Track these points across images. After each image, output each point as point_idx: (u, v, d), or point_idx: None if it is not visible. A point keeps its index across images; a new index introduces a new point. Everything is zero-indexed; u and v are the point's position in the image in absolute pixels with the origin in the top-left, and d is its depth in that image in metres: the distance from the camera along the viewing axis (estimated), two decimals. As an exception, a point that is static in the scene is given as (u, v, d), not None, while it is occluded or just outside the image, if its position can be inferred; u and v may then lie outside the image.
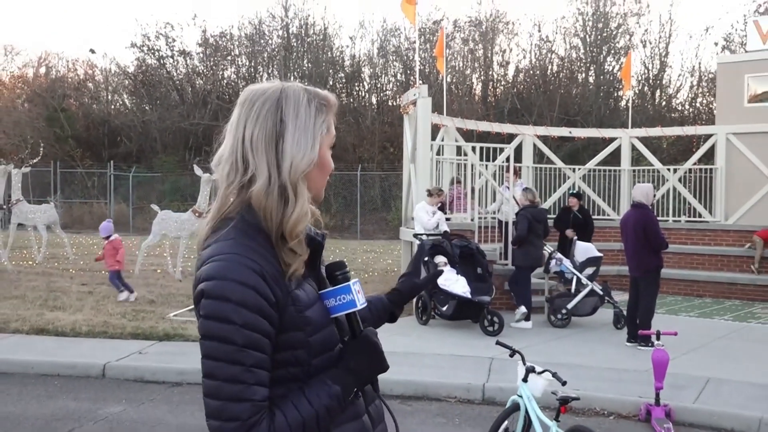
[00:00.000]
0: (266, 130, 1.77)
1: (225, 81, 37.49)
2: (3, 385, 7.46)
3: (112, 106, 38.44)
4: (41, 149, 21.10)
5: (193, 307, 1.79)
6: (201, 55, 37.20)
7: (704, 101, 31.57)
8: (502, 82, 35.42)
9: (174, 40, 36.77)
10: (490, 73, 35.22)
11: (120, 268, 11.86)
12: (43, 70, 41.26)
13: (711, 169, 16.58)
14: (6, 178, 16.15)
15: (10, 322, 9.76)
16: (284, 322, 1.72)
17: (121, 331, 9.52)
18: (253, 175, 1.75)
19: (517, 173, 13.83)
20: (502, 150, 14.78)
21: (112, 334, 9.40)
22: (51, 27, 59.17)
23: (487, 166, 13.88)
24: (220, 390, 1.65)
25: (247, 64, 37.33)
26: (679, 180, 16.88)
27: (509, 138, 16.51)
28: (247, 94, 1.88)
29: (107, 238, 11.97)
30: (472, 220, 13.00)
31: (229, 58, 37.33)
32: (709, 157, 17.01)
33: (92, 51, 45.59)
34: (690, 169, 17.05)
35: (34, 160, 18.83)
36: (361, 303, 1.83)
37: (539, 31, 35.76)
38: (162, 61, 37.23)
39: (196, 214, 14.56)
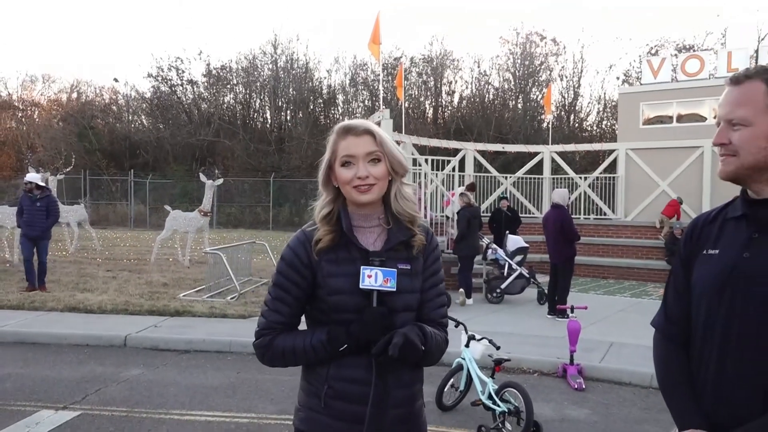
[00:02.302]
0: None
1: (225, 105, 37.09)
2: (41, 354, 7.30)
3: (132, 125, 37.76)
4: (73, 160, 20.74)
5: (199, 288, 1.90)
6: (205, 83, 36.79)
7: (608, 123, 31.91)
8: (449, 108, 35.49)
9: (183, 72, 36.37)
10: (440, 100, 35.28)
11: None
12: (75, 95, 40.53)
13: (614, 177, 16.80)
14: (45, 183, 15.80)
15: (47, 302, 9.55)
16: (316, 279, 1.93)
17: (139, 308, 9.36)
18: None
19: (472, 189, 13.74)
20: (448, 162, 14.86)
21: (132, 311, 9.25)
22: (82, 59, 58.07)
23: (437, 174, 13.93)
24: (262, 305, 2.04)
25: (243, 91, 36.99)
26: (589, 186, 17.08)
27: (455, 152, 16.57)
28: None
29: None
30: (425, 217, 13.03)
31: (228, 86, 36.95)
32: (612, 167, 17.22)
33: (116, 80, 44.70)
34: (597, 177, 17.27)
35: (68, 169, 18.50)
36: (365, 284, 1.87)
37: (479, 66, 36.03)
38: (173, 89, 36.72)
39: (202, 213, 14.47)
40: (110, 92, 39.36)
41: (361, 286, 1.87)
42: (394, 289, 1.89)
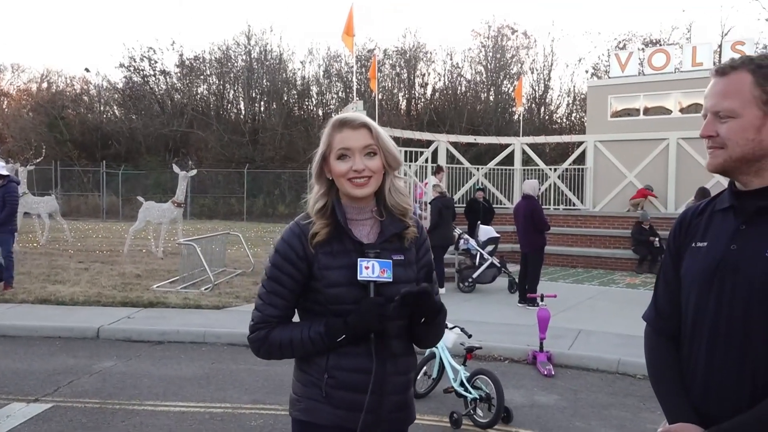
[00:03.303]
0: None
1: (198, 96, 36.63)
2: (12, 346, 7.16)
3: (104, 116, 37.05)
4: (43, 151, 20.30)
5: (173, 279, 1.89)
6: (178, 74, 36.29)
7: (577, 116, 32.21)
8: (422, 100, 35.50)
9: (156, 62, 35.79)
10: (413, 92, 35.25)
11: None
12: (45, 85, 39.66)
13: (582, 169, 16.99)
14: (14, 174, 15.48)
15: (18, 294, 9.35)
16: (312, 272, 1.93)
17: (112, 300, 9.23)
18: None
19: (440, 171, 13.81)
20: (421, 153, 14.86)
21: (104, 302, 9.10)
22: (52, 48, 56.83)
23: (410, 165, 13.93)
24: (255, 299, 2.02)
25: (217, 82, 36.56)
26: (559, 177, 17.24)
27: (428, 143, 16.58)
28: None
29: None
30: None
31: (201, 77, 36.49)
32: (581, 159, 17.40)
33: (87, 70, 43.58)
34: (567, 169, 17.43)
35: (38, 160, 18.09)
36: (362, 275, 1.88)
37: (451, 59, 36.07)
38: (146, 79, 36.13)
39: (175, 204, 14.30)
40: (81, 82, 38.57)
41: (359, 278, 1.89)
42: (391, 280, 1.91)
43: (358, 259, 1.90)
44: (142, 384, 5.93)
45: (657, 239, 13.81)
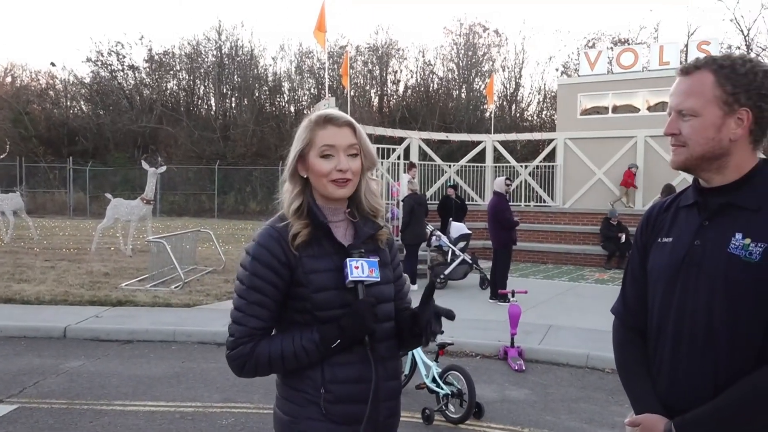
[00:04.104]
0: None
1: (168, 91, 36.17)
2: (-25, 347, 7.00)
3: (71, 111, 36.34)
4: (8, 147, 19.86)
5: (142, 277, 1.84)
6: (147, 69, 35.76)
7: (548, 113, 32.56)
8: (394, 97, 35.56)
9: (124, 57, 35.27)
10: (385, 89, 35.30)
11: None
12: (9, 79, 38.64)
13: (553, 166, 17.15)
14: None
15: (-19, 293, 9.14)
16: (295, 277, 1.82)
17: (80, 299, 9.06)
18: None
19: (412, 168, 13.81)
20: (394, 150, 14.88)
21: (72, 301, 8.93)
22: (16, 42, 55.45)
23: (382, 162, 13.93)
24: (232, 313, 1.85)
25: (187, 77, 36.16)
26: (530, 174, 17.39)
27: (400, 140, 16.61)
28: None
29: None
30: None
31: (171, 72, 36.04)
32: (551, 156, 17.55)
33: (53, 64, 43.14)
34: (537, 166, 17.58)
35: (2, 156, 17.69)
36: (352, 276, 1.80)
37: (423, 56, 36.13)
38: (114, 74, 35.53)
39: (144, 201, 14.10)
40: (47, 77, 37.75)
41: (350, 278, 1.80)
42: (379, 279, 1.86)
43: (347, 260, 1.82)
44: (111, 384, 5.84)
45: (624, 235, 14.03)
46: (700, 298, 1.65)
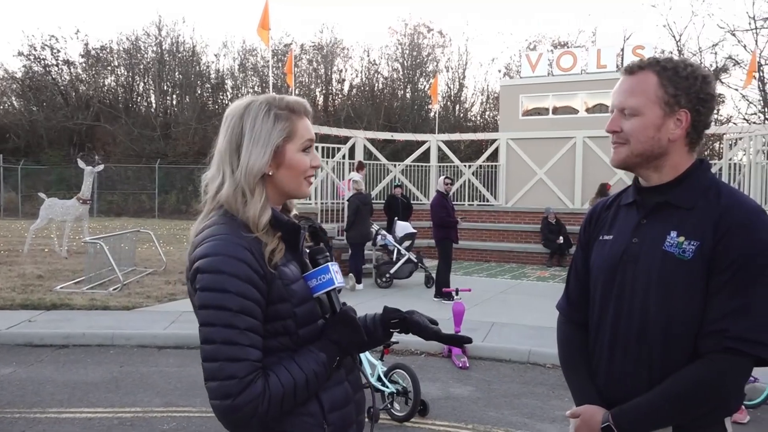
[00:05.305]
0: (230, 141, 1.63)
1: (105, 88, 35.12)
2: None
3: (1, 107, 34.87)
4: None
5: (79, 280, 1.66)
6: (83, 64, 34.66)
7: (491, 114, 33.00)
8: (339, 96, 35.45)
9: (59, 51, 34.08)
10: (330, 88, 35.17)
11: None
12: (-68, 72, 36.76)
13: (495, 165, 17.38)
14: None
15: None
16: (272, 294, 1.54)
17: (11, 302, 8.68)
18: (222, 180, 1.62)
19: (361, 167, 13.74)
20: (339, 149, 14.83)
21: (2, 305, 8.54)
22: (-60, 34, 52.66)
23: (327, 161, 13.87)
24: (218, 352, 1.46)
25: (126, 74, 35.18)
26: (473, 173, 17.58)
27: (345, 140, 16.56)
28: (226, 111, 1.71)
29: None
30: (315, 204, 13.00)
31: (109, 68, 34.98)
32: (494, 156, 17.79)
33: (-19, 57, 41.00)
34: (480, 165, 17.78)
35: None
36: (338, 282, 1.65)
37: (368, 55, 36.33)
38: (47, 69, 34.25)
39: (80, 201, 13.65)
40: (-25, 71, 36.09)
41: (336, 285, 1.64)
42: (343, 283, 1.71)
43: (328, 264, 1.65)
44: (45, 390, 5.61)
45: (561, 237, 14.36)
46: (636, 294, 1.70)
